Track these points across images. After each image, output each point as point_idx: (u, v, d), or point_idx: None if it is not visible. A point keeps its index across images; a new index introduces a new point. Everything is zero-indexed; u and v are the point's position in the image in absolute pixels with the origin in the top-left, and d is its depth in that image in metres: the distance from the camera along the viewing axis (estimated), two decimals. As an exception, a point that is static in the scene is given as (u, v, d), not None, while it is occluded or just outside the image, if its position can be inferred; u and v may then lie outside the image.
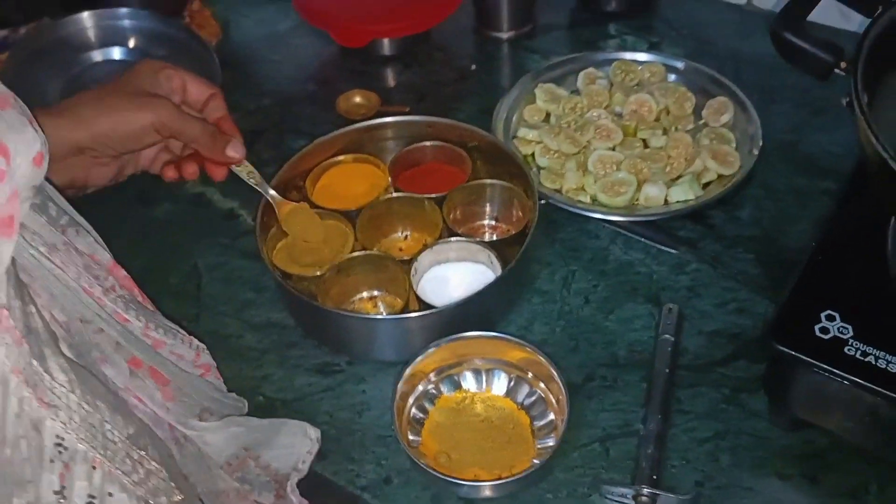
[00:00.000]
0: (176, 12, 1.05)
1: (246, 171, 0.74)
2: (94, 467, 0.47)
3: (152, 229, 0.87)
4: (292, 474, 0.66)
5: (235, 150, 0.70)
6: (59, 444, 0.46)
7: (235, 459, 0.64)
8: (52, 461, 0.45)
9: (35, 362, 0.45)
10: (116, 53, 0.96)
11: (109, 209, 0.69)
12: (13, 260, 0.45)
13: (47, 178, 0.53)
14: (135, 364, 0.56)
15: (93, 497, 0.47)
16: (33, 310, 0.48)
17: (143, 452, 0.52)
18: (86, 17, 0.94)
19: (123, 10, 0.96)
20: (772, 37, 0.61)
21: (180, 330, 0.60)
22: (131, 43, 0.98)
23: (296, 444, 0.67)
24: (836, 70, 0.59)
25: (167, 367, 0.58)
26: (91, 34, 0.95)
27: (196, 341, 0.61)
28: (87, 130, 0.64)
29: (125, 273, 0.57)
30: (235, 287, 0.81)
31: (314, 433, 0.67)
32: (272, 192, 0.75)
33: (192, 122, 0.68)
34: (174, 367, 0.59)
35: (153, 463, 0.52)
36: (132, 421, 0.53)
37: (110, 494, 0.47)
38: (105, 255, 0.55)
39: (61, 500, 0.46)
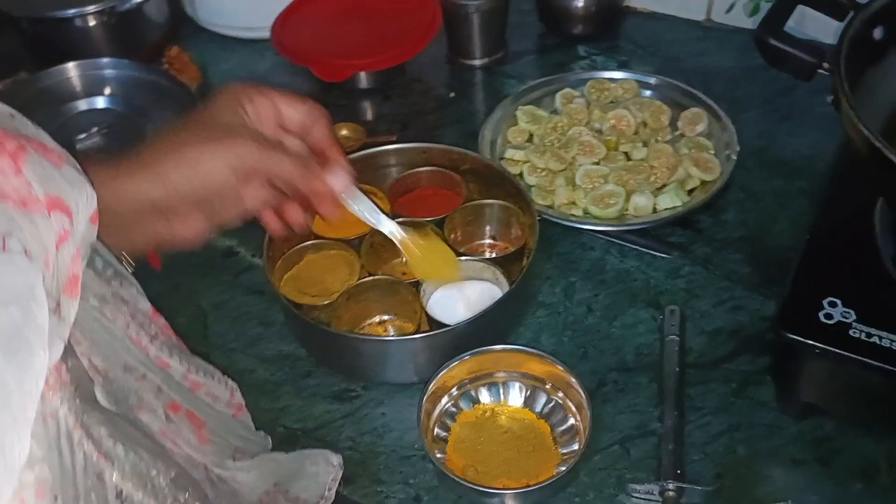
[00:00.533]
0: (153, 59, 1.06)
1: (362, 206, 0.61)
2: None
3: (150, 272, 0.87)
4: (320, 503, 0.66)
5: (337, 179, 0.57)
6: (119, 495, 0.45)
7: (266, 496, 0.64)
8: None
9: (86, 414, 0.45)
10: (101, 102, 0.97)
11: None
12: None
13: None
14: (173, 409, 0.56)
15: None
16: (76, 362, 0.48)
17: (187, 494, 0.52)
18: (70, 67, 0.94)
19: (105, 60, 0.97)
20: (757, 44, 0.65)
21: (216, 370, 0.60)
22: (114, 91, 0.99)
23: (320, 473, 0.67)
24: (820, 70, 0.63)
25: (203, 409, 0.59)
26: (75, 84, 0.95)
27: (230, 381, 0.62)
28: (162, 186, 0.54)
29: (164, 321, 0.57)
30: (243, 323, 0.81)
31: (336, 459, 0.68)
32: (390, 227, 0.65)
33: (278, 156, 0.56)
34: (209, 409, 0.59)
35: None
36: (172, 465, 0.53)
37: None
38: (146, 304, 0.55)
39: None
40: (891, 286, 0.62)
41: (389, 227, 0.65)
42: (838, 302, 0.62)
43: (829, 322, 0.61)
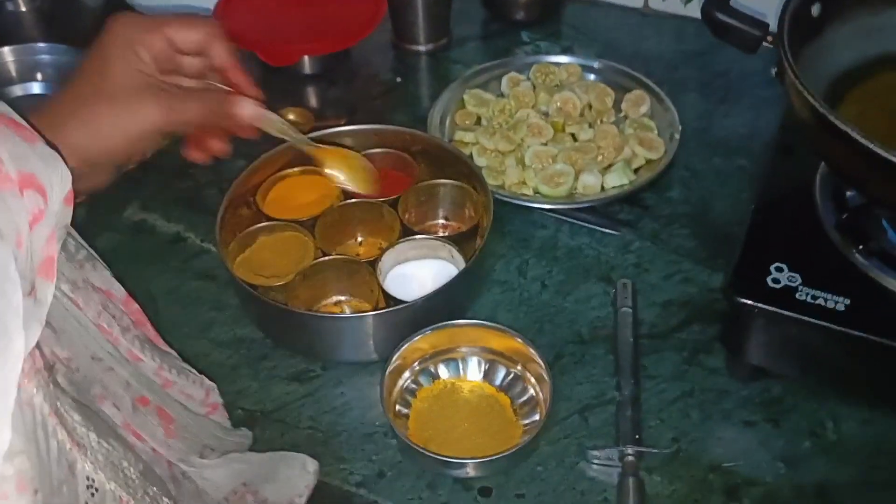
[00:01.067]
0: (83, 46, 1.03)
1: (276, 127, 0.62)
2: None
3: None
4: None
5: (244, 110, 0.58)
6: (91, 486, 0.44)
7: (234, 495, 0.62)
8: None
9: (59, 399, 0.43)
10: (36, 88, 0.94)
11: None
12: None
13: None
14: (142, 402, 0.55)
15: None
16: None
17: (155, 489, 0.51)
18: (6, 52, 0.91)
19: (41, 45, 0.94)
20: (704, 17, 0.67)
21: (192, 370, 0.59)
22: (50, 76, 0.96)
23: (294, 478, 0.65)
24: (764, 43, 0.66)
25: (174, 406, 0.57)
26: (10, 69, 0.92)
27: (207, 380, 0.60)
28: (71, 157, 0.50)
29: (137, 307, 0.55)
30: (194, 308, 0.80)
31: (312, 466, 0.66)
32: (304, 139, 0.66)
33: (187, 107, 0.56)
34: (181, 407, 0.58)
35: (165, 499, 0.51)
36: (140, 458, 0.52)
37: None
38: (120, 290, 0.53)
39: None
40: (832, 251, 0.65)
41: (305, 141, 0.66)
42: (784, 267, 0.65)
43: (777, 286, 0.64)
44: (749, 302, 0.63)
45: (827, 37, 0.70)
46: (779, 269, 0.65)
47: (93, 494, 0.45)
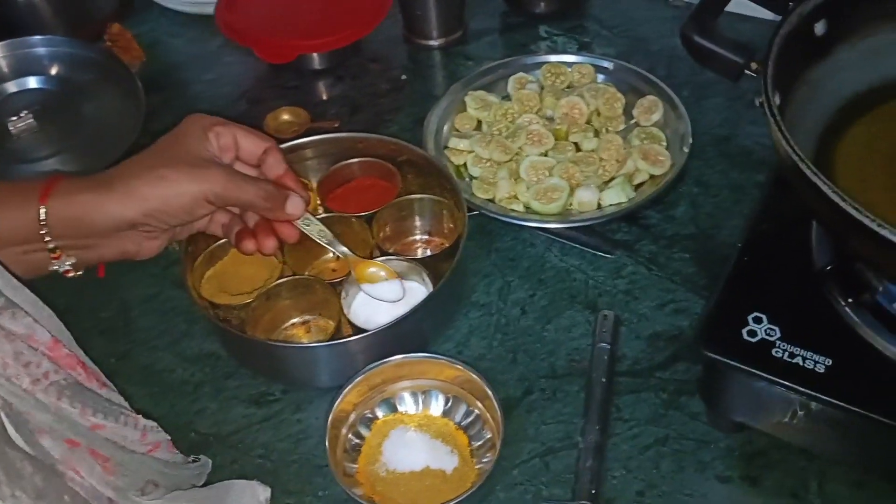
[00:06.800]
0: (95, 37, 1.03)
1: (317, 230, 0.67)
2: None
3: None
4: None
5: (294, 207, 0.64)
6: None
7: None
8: None
9: None
10: (33, 82, 0.94)
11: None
12: None
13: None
14: (71, 444, 0.54)
15: None
16: None
17: None
18: (-5, 48, 0.91)
19: (37, 38, 0.93)
20: (682, 39, 0.60)
21: (124, 409, 0.57)
22: (52, 70, 0.96)
23: None
24: (747, 71, 0.59)
25: (106, 447, 0.56)
26: (3, 64, 0.92)
27: (143, 421, 0.58)
28: (139, 206, 0.59)
29: (67, 351, 0.54)
30: (168, 318, 0.79)
31: (263, 493, 0.64)
32: (345, 250, 0.70)
33: (246, 186, 0.62)
34: (115, 447, 0.57)
35: None
36: (76, 496, 0.51)
37: None
38: (44, 335, 0.53)
39: None
40: (819, 301, 0.58)
41: (342, 250, 0.69)
42: (763, 317, 0.58)
43: (752, 340, 0.58)
44: (717, 356, 0.58)
45: (837, 57, 0.62)
46: (757, 320, 0.59)
47: None
